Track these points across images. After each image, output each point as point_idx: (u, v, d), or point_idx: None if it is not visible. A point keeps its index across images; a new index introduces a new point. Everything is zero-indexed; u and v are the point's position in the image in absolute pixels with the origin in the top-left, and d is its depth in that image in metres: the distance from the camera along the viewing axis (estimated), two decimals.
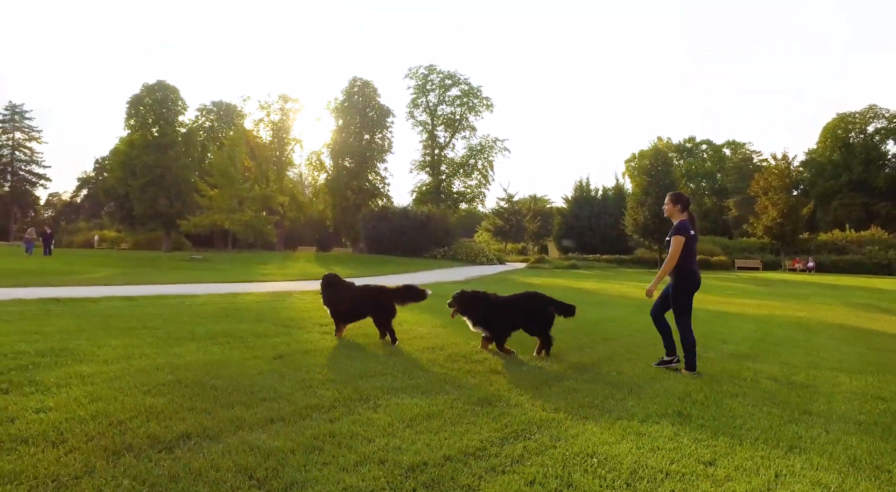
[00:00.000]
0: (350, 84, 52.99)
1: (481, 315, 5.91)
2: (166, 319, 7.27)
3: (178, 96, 41.46)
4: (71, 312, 7.57)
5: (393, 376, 4.58)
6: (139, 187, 39.48)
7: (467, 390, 4.20)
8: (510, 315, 5.93)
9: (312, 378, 4.30)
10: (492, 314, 5.90)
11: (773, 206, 38.90)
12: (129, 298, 9.79)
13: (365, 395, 3.91)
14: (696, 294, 5.46)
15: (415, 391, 4.08)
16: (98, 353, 4.87)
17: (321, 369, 4.67)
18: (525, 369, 5.10)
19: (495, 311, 5.93)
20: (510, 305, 5.98)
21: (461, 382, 4.47)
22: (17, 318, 6.84)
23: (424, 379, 4.50)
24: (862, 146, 66.42)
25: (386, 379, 4.44)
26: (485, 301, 5.98)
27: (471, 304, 5.95)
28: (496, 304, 5.99)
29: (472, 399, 3.92)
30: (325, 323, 7.50)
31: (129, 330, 6.21)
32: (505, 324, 5.92)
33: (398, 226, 40.20)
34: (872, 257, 40.84)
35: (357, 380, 4.34)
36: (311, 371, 4.55)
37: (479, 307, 5.94)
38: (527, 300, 6.05)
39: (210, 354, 5.07)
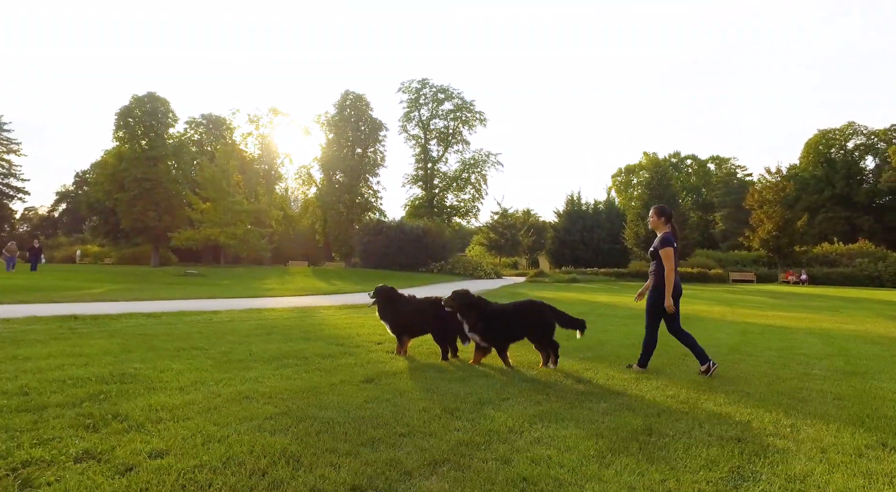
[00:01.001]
0: (342, 98, 52.59)
1: (480, 322, 5.45)
2: (209, 338, 6.65)
3: (168, 108, 40.44)
4: (101, 331, 6.91)
5: (516, 399, 4.06)
6: (127, 201, 38.18)
7: (617, 416, 3.69)
8: (510, 325, 5.53)
9: (430, 406, 3.75)
10: (491, 323, 5.45)
11: (769, 219, 39.24)
12: (151, 315, 9.11)
13: (509, 425, 3.38)
14: (739, 309, 5.33)
15: (564, 419, 3.55)
16: (165, 378, 4.26)
17: (429, 394, 4.13)
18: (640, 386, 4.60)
19: (495, 319, 5.48)
20: (510, 315, 5.58)
21: (596, 407, 3.95)
22: (47, 338, 6.19)
23: (558, 403, 3.97)
24: (843, 162, 68.02)
25: (513, 404, 3.91)
26: (485, 308, 5.54)
27: (471, 307, 5.52)
28: (496, 312, 5.54)
29: (633, 428, 3.41)
30: (380, 340, 6.97)
31: (179, 351, 5.59)
32: (505, 334, 5.52)
33: (394, 240, 39.66)
34: (863, 270, 41.36)
35: (482, 407, 3.81)
36: (420, 397, 4.01)
37: (479, 313, 5.48)
38: (527, 309, 5.66)
39: (290, 379, 4.49)
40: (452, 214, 53.55)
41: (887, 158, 62.33)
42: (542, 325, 5.57)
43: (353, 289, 21.51)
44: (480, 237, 53.62)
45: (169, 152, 39.82)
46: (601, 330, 9.32)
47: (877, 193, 65.26)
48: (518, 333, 5.60)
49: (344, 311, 11.55)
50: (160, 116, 39.98)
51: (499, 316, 5.52)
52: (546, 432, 3.27)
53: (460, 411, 3.68)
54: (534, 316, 5.60)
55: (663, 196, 32.49)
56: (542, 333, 5.57)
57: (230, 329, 7.59)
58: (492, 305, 5.64)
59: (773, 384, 5.00)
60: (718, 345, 7.70)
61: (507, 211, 51.64)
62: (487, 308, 5.54)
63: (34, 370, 4.38)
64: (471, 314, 5.49)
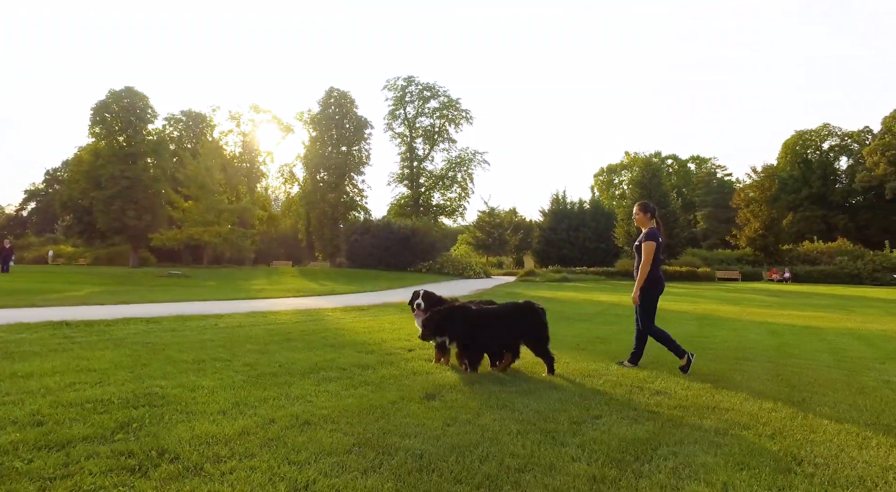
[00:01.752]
0: (326, 95, 51.63)
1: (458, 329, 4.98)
2: (225, 346, 6.02)
3: (147, 104, 38.93)
4: (102, 340, 6.22)
5: (608, 416, 3.57)
6: (104, 199, 36.62)
7: (738, 436, 3.22)
8: (496, 331, 5.00)
9: (523, 429, 3.24)
10: (472, 330, 4.93)
11: (755, 218, 39.59)
12: (150, 321, 8.40)
13: (625, 449, 2.89)
14: (750, 308, 5.05)
15: (682, 443, 3.07)
16: (199, 399, 3.67)
17: (508, 412, 3.61)
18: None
19: (476, 325, 4.96)
20: (497, 319, 5.06)
21: (703, 424, 3.48)
22: (44, 349, 5.49)
23: (655, 423, 3.48)
24: (819, 162, 69.51)
25: (609, 423, 3.41)
26: (463, 311, 5.03)
27: (440, 307, 5.11)
28: (479, 317, 5.02)
29: (773, 453, 2.95)
30: (410, 346, 6.44)
31: (200, 363, 4.97)
32: (486, 341, 5.03)
33: (382, 239, 38.94)
34: (843, 268, 42.09)
35: (580, 427, 3.32)
36: (501, 417, 3.49)
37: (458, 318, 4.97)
38: (520, 312, 5.14)
39: (341, 396, 3.93)
40: (438, 213, 52.99)
41: (860, 158, 63.88)
42: (537, 329, 5.05)
43: (346, 289, 20.85)
44: (467, 236, 53.16)
45: (149, 149, 38.37)
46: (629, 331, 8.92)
47: (850, 193, 66.86)
48: (504, 342, 5.11)
49: (352, 313, 10.95)
50: (139, 112, 38.51)
51: (481, 320, 5.01)
52: (679, 459, 2.79)
53: (560, 433, 3.18)
54: (527, 319, 5.11)
55: (654, 195, 32.43)
56: (537, 341, 5.06)
57: (244, 336, 6.96)
58: (473, 308, 5.12)
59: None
60: (757, 346, 7.37)
61: (495, 210, 51.27)
62: (467, 312, 5.05)
63: (42, 391, 3.75)
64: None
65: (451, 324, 4.90)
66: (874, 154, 60.34)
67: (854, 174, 65.16)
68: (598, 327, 9.57)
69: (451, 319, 4.91)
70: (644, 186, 33.20)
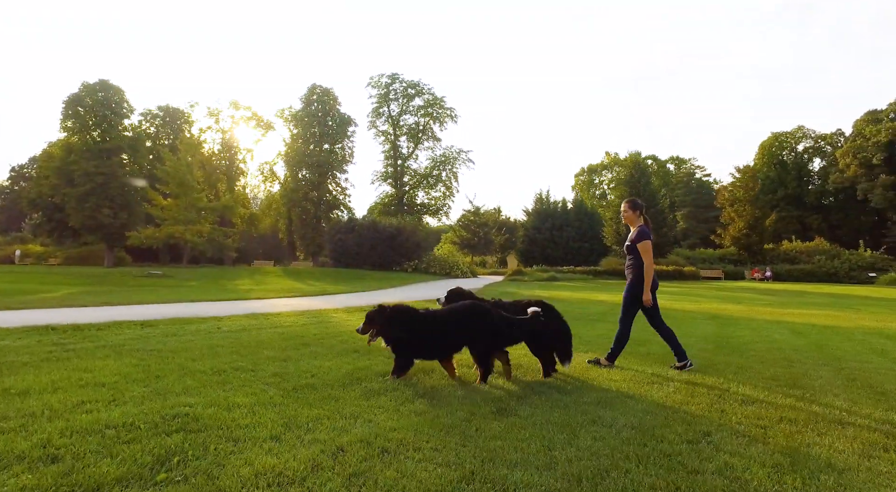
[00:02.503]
0: (309, 91, 50.62)
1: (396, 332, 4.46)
2: (240, 353, 5.40)
3: (122, 98, 37.36)
4: (99, 347, 5.54)
5: (718, 433, 3.07)
6: (77, 197, 35.00)
7: None
8: (439, 334, 4.42)
9: (637, 451, 2.74)
10: (408, 333, 4.38)
11: (740, 217, 40.01)
12: (145, 324, 7.70)
13: (772, 477, 2.42)
14: (755, 307, 4.84)
15: (846, 470, 2.62)
16: (241, 421, 3.08)
17: (604, 428, 3.10)
18: None
19: (419, 327, 4.43)
20: (444, 321, 4.49)
21: (813, 440, 3.04)
22: (36, 358, 4.81)
23: (774, 441, 3.03)
24: (794, 163, 71.02)
25: (726, 443, 2.93)
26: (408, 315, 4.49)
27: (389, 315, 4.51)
28: (418, 319, 4.48)
29: None
30: None
31: (221, 374, 4.35)
32: (422, 347, 4.46)
33: (367, 239, 38.23)
34: (822, 267, 42.91)
35: (697, 446, 2.83)
36: (603, 435, 2.98)
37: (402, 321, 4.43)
38: (468, 313, 4.50)
39: (403, 414, 3.37)
40: (423, 212, 52.41)
41: (834, 160, 65.44)
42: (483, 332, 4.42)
43: (336, 290, 20.21)
44: (451, 235, 52.64)
45: (124, 145, 36.83)
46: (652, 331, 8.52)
47: (824, 194, 68.48)
48: (448, 346, 4.52)
49: (356, 314, 10.33)
50: (114, 106, 36.94)
51: (426, 323, 4.49)
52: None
53: (683, 456, 2.70)
54: (475, 321, 4.46)
55: (643, 194, 32.44)
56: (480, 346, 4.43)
57: (254, 341, 6.33)
58: (419, 311, 4.61)
59: None
60: (792, 348, 7.02)
61: (480, 209, 50.96)
62: (412, 316, 4.50)
63: (47, 413, 3.11)
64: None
65: (387, 324, 4.38)
66: (846, 156, 61.87)
67: (827, 175, 66.74)
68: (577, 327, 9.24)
69: (387, 319, 4.40)
70: (632, 185, 33.20)
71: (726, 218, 42.45)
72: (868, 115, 62.45)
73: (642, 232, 5.25)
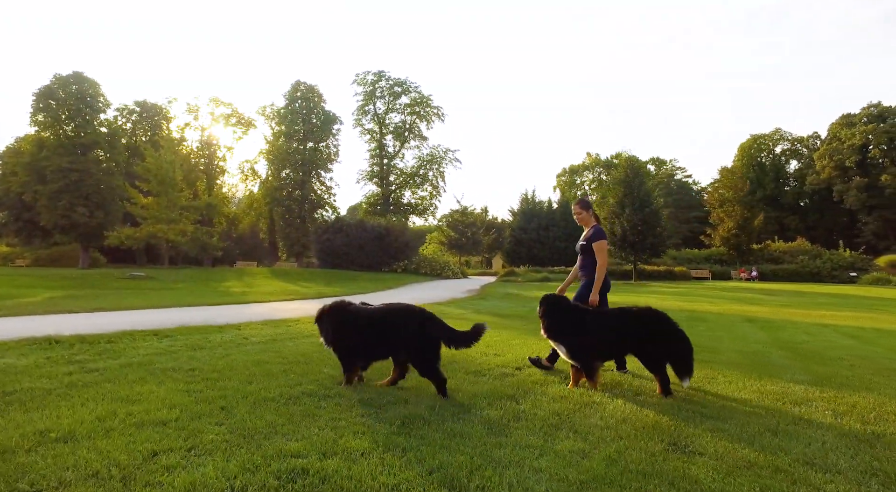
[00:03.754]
0: (293, 88, 49.35)
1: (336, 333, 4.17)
2: (295, 372, 4.61)
3: (98, 91, 35.52)
4: (124, 366, 4.72)
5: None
6: (49, 194, 33.10)
7: None
8: (370, 337, 4.06)
9: None
10: (350, 334, 4.09)
11: (729, 217, 40.30)
12: (159, 334, 6.83)
13: None
14: (776, 308, 4.38)
15: None
16: (379, 478, 2.36)
17: (776, 470, 2.51)
18: None
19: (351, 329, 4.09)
20: (375, 322, 4.10)
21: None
22: (58, 384, 3.96)
23: None
24: (772, 165, 72.41)
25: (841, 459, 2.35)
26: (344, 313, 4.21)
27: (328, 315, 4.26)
28: (357, 318, 4.13)
29: None
30: (516, 364, 5.23)
31: (297, 403, 3.58)
32: (362, 348, 4.13)
33: (355, 239, 37.31)
34: (805, 266, 43.59)
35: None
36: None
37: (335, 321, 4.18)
38: (396, 316, 4.12)
39: (562, 458, 2.68)
40: (410, 211, 51.58)
41: (811, 162, 66.88)
42: (417, 339, 3.96)
43: (334, 292, 19.33)
44: (439, 235, 51.94)
45: (101, 140, 35.05)
46: (709, 336, 8.01)
47: (800, 195, 70.00)
48: (377, 351, 4.16)
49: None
50: (88, 100, 35.10)
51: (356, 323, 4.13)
52: None
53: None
54: (403, 325, 4.04)
55: (638, 194, 32.29)
56: (417, 354, 3.97)
57: (297, 354, 5.54)
58: (354, 308, 4.26)
59: None
60: (864, 353, 6.56)
61: (467, 209, 50.35)
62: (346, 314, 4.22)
63: (115, 472, 2.35)
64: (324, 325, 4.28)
65: (323, 324, 4.15)
66: (823, 158, 63.31)
67: (803, 177, 68.23)
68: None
69: (324, 319, 4.18)
70: (628, 184, 32.99)
71: (715, 218, 42.75)
72: (843, 118, 64.02)
73: (598, 231, 5.07)
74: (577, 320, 4.35)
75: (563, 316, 4.39)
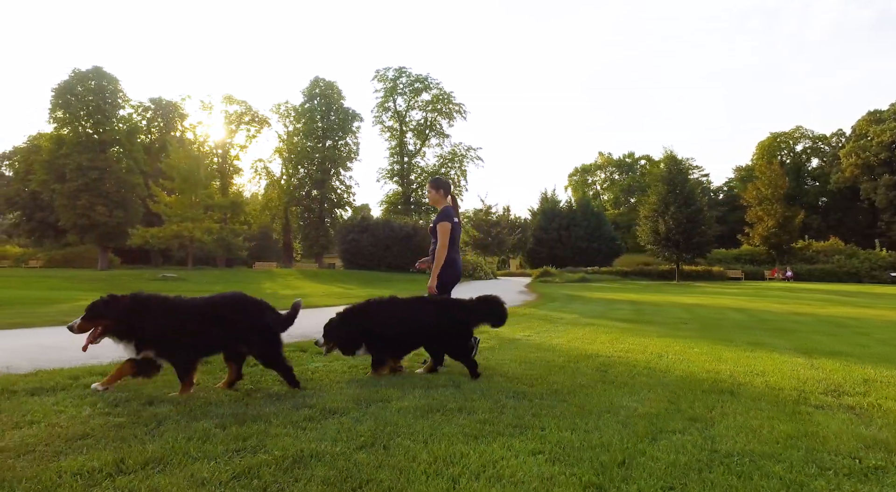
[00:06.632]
0: (311, 85, 48.27)
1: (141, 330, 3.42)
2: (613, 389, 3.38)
3: (117, 87, 34.35)
4: None
5: None
6: (68, 193, 31.93)
7: None
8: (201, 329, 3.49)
9: None
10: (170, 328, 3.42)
11: (768, 216, 38.98)
12: None
13: None
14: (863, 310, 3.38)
15: None
16: None
17: None
18: None
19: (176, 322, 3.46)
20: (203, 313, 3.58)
21: None
22: None
23: None
24: (792, 163, 71.13)
25: None
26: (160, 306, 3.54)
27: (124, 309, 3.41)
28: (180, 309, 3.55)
29: None
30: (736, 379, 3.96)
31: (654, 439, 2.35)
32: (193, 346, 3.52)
33: (381, 239, 36.22)
34: (842, 266, 42.26)
35: None
36: None
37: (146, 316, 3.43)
38: (231, 305, 3.68)
39: None
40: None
41: (836, 160, 65.47)
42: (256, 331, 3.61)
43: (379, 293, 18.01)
44: (463, 235, 50.75)
45: (121, 137, 33.90)
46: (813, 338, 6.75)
47: (822, 194, 68.77)
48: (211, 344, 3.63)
49: (546, 325, 8.27)
50: (108, 96, 34.00)
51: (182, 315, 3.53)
52: None
53: None
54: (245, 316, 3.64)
55: (682, 191, 31.01)
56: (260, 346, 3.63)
57: (532, 370, 4.28)
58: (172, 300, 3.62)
59: None
60: None
61: (491, 208, 49.25)
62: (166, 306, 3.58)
63: None
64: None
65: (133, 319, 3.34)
66: (849, 156, 61.93)
67: (825, 176, 66.96)
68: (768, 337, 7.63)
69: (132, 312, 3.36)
70: (671, 181, 31.71)
71: (752, 217, 41.38)
72: (870, 115, 62.65)
73: (443, 212, 4.80)
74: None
75: None
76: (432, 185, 5.08)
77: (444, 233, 4.72)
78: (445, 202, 4.95)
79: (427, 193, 5.22)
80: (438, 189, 5.01)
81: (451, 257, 4.80)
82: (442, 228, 4.73)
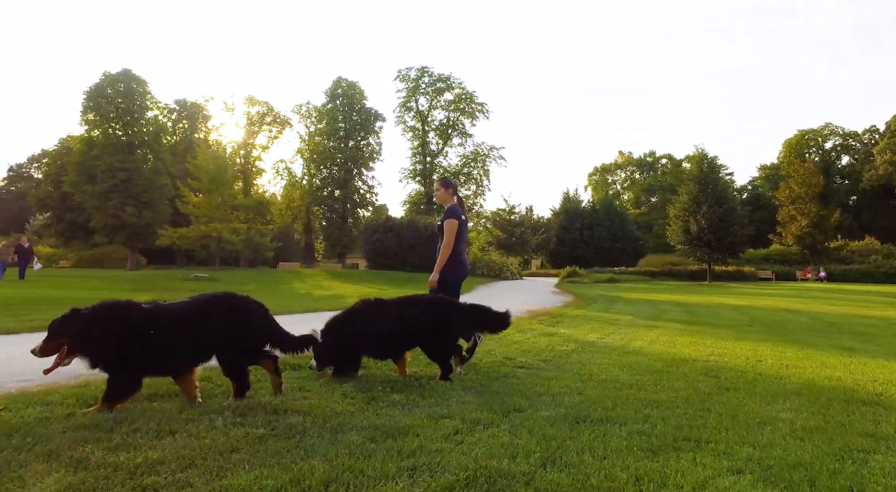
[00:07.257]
0: (334, 85, 48.36)
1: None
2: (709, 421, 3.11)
3: (145, 89, 34.80)
4: None
5: None
6: (99, 195, 32.39)
7: None
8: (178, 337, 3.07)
9: None
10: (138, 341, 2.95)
11: (802, 215, 37.97)
12: None
13: None
14: None
15: None
16: None
17: None
18: None
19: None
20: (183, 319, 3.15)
21: None
22: None
23: None
24: (821, 161, 69.34)
25: None
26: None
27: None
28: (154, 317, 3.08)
29: None
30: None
31: None
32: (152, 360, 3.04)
33: (406, 239, 36.04)
34: (879, 266, 40.99)
35: None
36: None
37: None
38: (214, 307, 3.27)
39: None
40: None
41: (870, 156, 63.60)
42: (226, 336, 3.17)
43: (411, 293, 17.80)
44: (486, 235, 50.44)
45: (150, 139, 34.29)
46: None
47: (852, 192, 67.02)
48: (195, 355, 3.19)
49: (581, 328, 8.00)
50: (136, 98, 34.41)
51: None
52: None
53: None
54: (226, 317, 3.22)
55: (714, 191, 30.32)
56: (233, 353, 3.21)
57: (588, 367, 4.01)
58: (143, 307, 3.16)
59: None
60: None
61: (514, 208, 48.81)
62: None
63: None
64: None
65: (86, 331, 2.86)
66: (884, 153, 60.08)
67: (856, 174, 65.20)
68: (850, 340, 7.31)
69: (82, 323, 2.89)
70: (702, 180, 31.04)
71: (784, 216, 40.34)
72: None
73: (451, 210, 4.89)
74: None
75: None
76: (441, 183, 5.18)
77: (450, 230, 4.79)
78: (452, 200, 5.03)
79: (435, 192, 5.29)
80: (447, 188, 5.09)
81: (458, 255, 4.88)
82: (449, 225, 4.79)
